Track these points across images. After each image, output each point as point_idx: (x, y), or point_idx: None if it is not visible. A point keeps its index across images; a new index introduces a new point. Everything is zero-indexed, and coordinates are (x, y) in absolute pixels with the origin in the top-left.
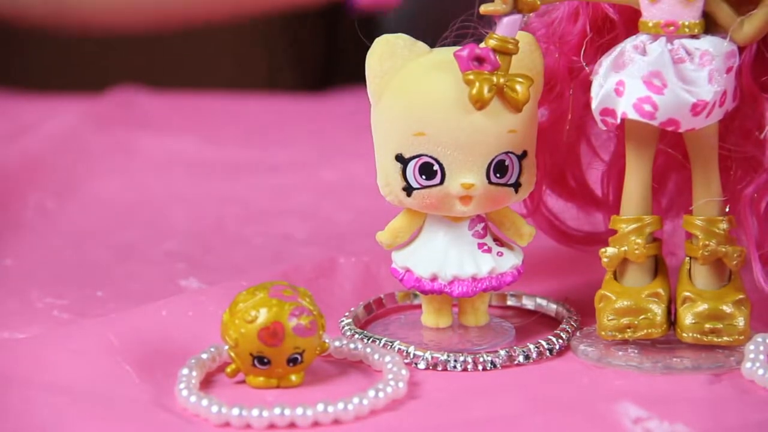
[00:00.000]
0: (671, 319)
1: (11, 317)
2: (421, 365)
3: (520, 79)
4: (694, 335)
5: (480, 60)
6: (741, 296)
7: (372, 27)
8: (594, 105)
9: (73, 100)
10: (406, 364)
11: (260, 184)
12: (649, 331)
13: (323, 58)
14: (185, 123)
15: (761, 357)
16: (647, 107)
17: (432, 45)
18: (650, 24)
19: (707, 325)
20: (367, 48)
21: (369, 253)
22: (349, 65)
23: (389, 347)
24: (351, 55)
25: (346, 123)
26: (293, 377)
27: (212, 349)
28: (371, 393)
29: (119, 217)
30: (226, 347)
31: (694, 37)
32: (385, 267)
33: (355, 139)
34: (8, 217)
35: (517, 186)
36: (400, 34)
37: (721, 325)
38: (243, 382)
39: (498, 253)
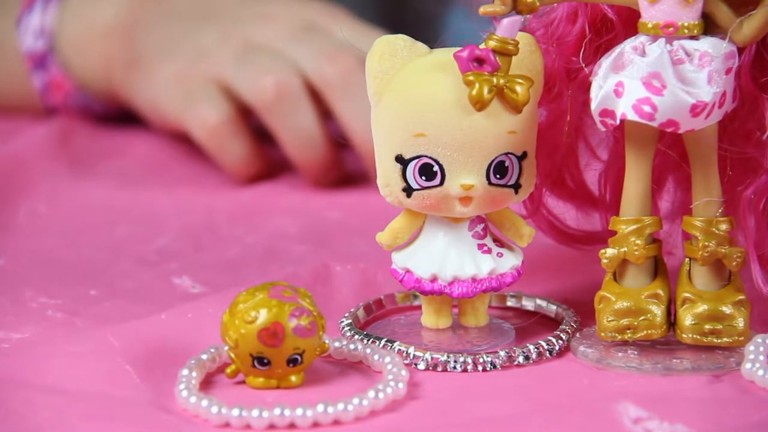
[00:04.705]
0: (671, 320)
1: (5, 317)
2: (421, 366)
3: (520, 80)
4: (694, 336)
5: (480, 61)
6: (741, 297)
7: None
8: (593, 106)
9: None
10: (406, 364)
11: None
12: (649, 332)
13: None
14: None
15: (761, 358)
16: (646, 108)
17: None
18: (649, 25)
19: (707, 326)
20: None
21: (365, 259)
22: None
23: (389, 348)
24: None
25: None
26: (293, 378)
27: (212, 350)
28: (371, 394)
29: (111, 217)
30: (226, 348)
31: (693, 38)
32: (382, 272)
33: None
34: (0, 217)
35: (517, 187)
36: (400, 35)
37: (721, 326)
38: (243, 382)
39: (498, 253)
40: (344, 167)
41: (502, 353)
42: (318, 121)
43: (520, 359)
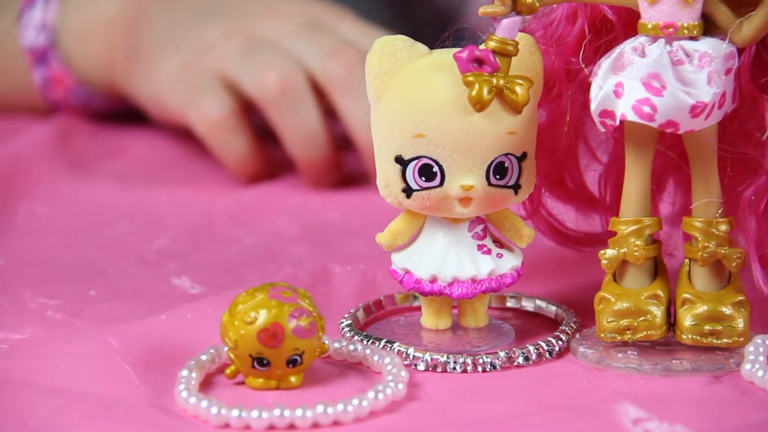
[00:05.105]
0: (671, 321)
1: (5, 317)
2: (421, 367)
3: (519, 81)
4: (694, 337)
5: (480, 61)
6: (740, 298)
7: None
8: (593, 107)
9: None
10: (406, 365)
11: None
12: (649, 332)
13: None
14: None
15: (761, 358)
16: (646, 109)
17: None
18: (649, 26)
19: (707, 327)
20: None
21: (365, 260)
22: None
23: (389, 349)
24: None
25: None
26: (293, 378)
27: (212, 351)
28: (371, 394)
29: (111, 217)
30: (226, 349)
31: (693, 38)
32: (382, 273)
33: None
34: (0, 217)
35: (516, 187)
36: (399, 35)
37: (721, 327)
38: (242, 383)
39: (497, 254)
40: (344, 167)
41: (501, 354)
42: (321, 118)
43: (520, 360)
